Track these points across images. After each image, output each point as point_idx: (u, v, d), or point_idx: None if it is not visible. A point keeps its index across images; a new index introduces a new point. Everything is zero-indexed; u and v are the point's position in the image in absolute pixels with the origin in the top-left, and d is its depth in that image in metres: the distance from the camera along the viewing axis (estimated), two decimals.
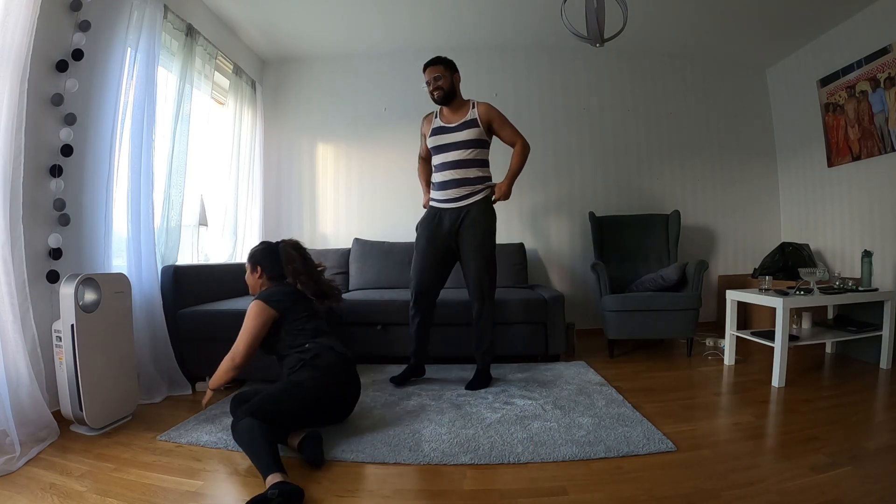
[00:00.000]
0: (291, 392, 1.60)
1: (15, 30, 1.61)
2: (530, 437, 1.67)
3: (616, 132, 3.84)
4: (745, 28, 3.36)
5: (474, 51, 3.76)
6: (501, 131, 2.32)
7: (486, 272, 2.27)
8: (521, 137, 2.33)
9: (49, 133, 1.88)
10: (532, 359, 2.80)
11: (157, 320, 2.26)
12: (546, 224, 3.79)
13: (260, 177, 3.71)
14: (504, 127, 2.32)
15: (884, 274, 2.93)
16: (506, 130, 2.32)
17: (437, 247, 2.29)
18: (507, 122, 2.32)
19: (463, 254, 2.29)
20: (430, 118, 2.39)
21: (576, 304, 3.53)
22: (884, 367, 2.46)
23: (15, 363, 1.60)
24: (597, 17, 2.14)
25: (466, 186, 2.25)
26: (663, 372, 2.58)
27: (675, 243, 3.36)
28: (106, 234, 2.11)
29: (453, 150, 2.25)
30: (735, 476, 1.37)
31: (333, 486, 1.37)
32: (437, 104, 2.33)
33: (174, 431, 1.77)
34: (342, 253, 3.52)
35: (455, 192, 2.26)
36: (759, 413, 1.93)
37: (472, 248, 2.25)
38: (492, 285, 2.31)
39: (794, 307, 2.41)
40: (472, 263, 2.26)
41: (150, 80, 2.27)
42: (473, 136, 2.24)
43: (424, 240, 2.32)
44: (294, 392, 1.60)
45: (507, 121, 2.33)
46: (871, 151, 3.05)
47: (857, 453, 1.49)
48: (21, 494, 1.31)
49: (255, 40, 3.54)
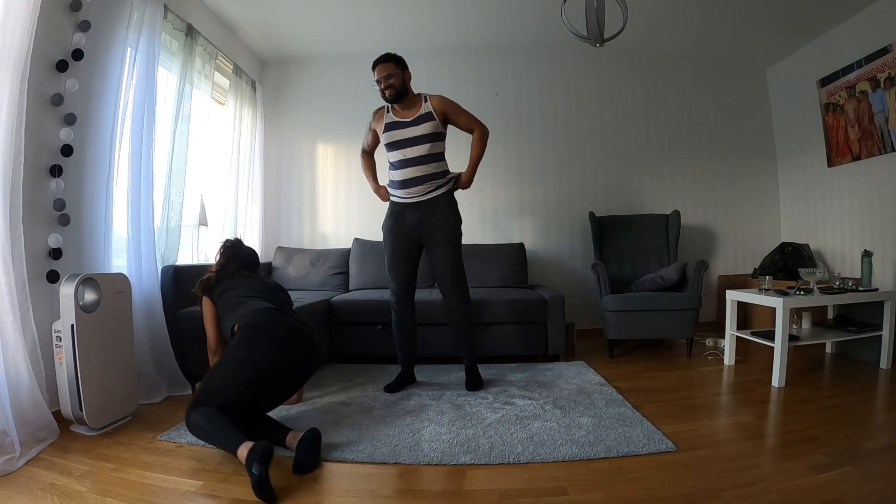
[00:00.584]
0: (223, 367, 1.61)
1: (15, 30, 1.61)
2: (530, 437, 1.67)
3: (616, 132, 3.84)
4: (745, 28, 3.36)
5: (474, 51, 3.77)
6: (458, 120, 2.26)
7: (459, 262, 2.27)
8: (479, 123, 2.27)
9: (49, 133, 1.88)
10: (532, 359, 2.80)
11: (157, 320, 2.26)
12: (546, 224, 3.79)
13: (260, 177, 3.71)
14: (460, 115, 2.25)
15: (884, 274, 2.93)
16: (462, 118, 2.26)
17: (405, 244, 2.26)
18: (462, 109, 2.26)
19: (433, 247, 2.24)
20: (381, 113, 2.28)
21: (576, 304, 3.53)
22: (884, 367, 2.46)
23: (15, 363, 1.60)
24: (597, 17, 2.14)
25: (430, 182, 2.20)
26: (663, 372, 2.58)
27: (675, 243, 3.36)
28: (106, 234, 2.11)
29: (411, 146, 2.18)
30: (735, 476, 1.37)
31: (333, 487, 1.37)
32: (387, 103, 2.23)
33: (174, 431, 1.77)
34: (342, 253, 3.52)
35: (419, 189, 2.20)
36: (759, 413, 1.93)
37: (443, 239, 2.22)
38: (464, 276, 2.29)
39: (794, 307, 2.41)
40: (445, 255, 2.23)
41: (150, 80, 2.27)
42: (430, 130, 2.17)
43: (392, 240, 2.28)
44: (226, 366, 1.60)
45: (462, 108, 2.26)
46: (871, 151, 3.05)
47: (857, 453, 1.49)
48: (21, 494, 1.31)
49: (255, 40, 3.54)
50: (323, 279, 3.36)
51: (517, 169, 3.79)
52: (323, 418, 1.89)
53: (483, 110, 3.90)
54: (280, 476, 1.43)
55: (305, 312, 2.44)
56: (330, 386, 2.34)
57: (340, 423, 1.84)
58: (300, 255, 3.50)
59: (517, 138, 3.79)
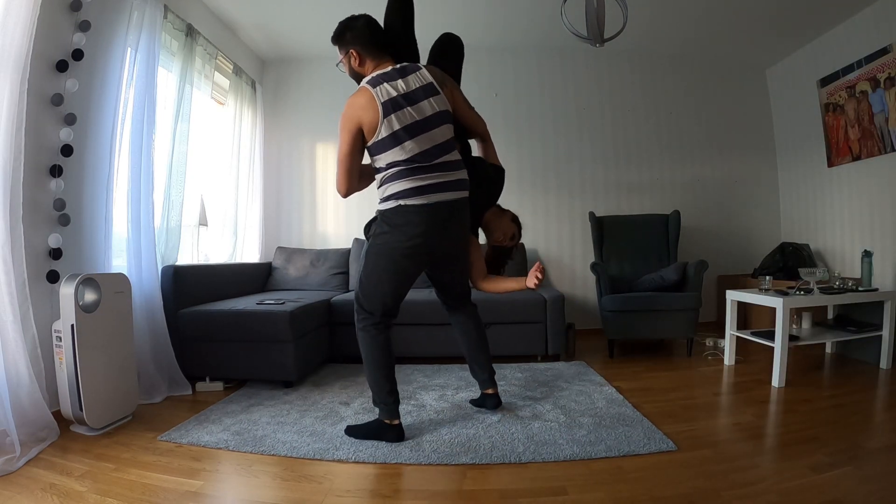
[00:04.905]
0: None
1: (15, 30, 1.61)
2: (530, 437, 1.67)
3: (616, 132, 3.84)
4: (745, 28, 3.36)
5: (475, 51, 3.72)
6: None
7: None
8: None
9: (49, 133, 1.88)
10: (532, 359, 2.80)
11: (157, 320, 2.26)
12: (546, 224, 3.79)
13: (260, 177, 3.71)
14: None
15: (884, 274, 2.93)
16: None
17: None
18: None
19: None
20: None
21: (576, 304, 3.53)
22: (884, 367, 2.46)
23: (15, 363, 1.60)
24: (597, 18, 2.14)
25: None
26: (663, 372, 2.58)
27: (675, 243, 3.36)
28: (106, 234, 2.11)
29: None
30: (735, 476, 1.37)
31: (333, 486, 1.37)
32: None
33: (174, 431, 1.77)
34: (342, 253, 3.51)
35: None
36: (759, 413, 1.93)
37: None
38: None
39: (794, 307, 2.41)
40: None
41: (150, 80, 2.27)
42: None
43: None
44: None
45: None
46: (871, 151, 3.05)
47: (857, 453, 1.49)
48: (21, 494, 1.31)
49: (255, 40, 3.54)
50: (323, 279, 3.36)
51: (517, 169, 3.78)
52: (323, 418, 1.90)
53: (483, 110, 3.93)
54: (282, 476, 1.43)
55: (305, 312, 2.45)
56: (330, 386, 2.34)
57: (341, 423, 1.84)
58: (300, 255, 3.50)
59: (517, 138, 3.78)
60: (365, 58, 1.66)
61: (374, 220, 1.75)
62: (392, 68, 1.63)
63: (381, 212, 1.67)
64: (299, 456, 1.56)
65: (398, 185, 1.59)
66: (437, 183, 1.61)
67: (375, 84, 1.58)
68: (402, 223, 1.61)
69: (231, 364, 2.33)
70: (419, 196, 1.59)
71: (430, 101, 1.60)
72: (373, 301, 1.71)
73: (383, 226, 1.66)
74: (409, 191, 1.59)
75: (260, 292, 3.14)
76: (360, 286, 1.74)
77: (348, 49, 1.67)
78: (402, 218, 1.61)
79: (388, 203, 1.62)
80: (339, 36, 1.69)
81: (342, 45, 1.68)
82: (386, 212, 1.64)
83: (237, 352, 2.32)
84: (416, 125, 1.57)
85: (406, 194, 1.59)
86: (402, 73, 1.61)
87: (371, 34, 1.66)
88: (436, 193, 1.61)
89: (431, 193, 1.60)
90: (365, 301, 1.72)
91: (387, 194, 1.62)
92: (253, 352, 2.30)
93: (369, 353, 1.73)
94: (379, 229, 1.68)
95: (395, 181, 1.60)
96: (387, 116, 1.54)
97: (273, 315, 2.28)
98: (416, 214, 1.60)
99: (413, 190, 1.59)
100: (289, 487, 1.36)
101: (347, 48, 1.67)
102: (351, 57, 1.67)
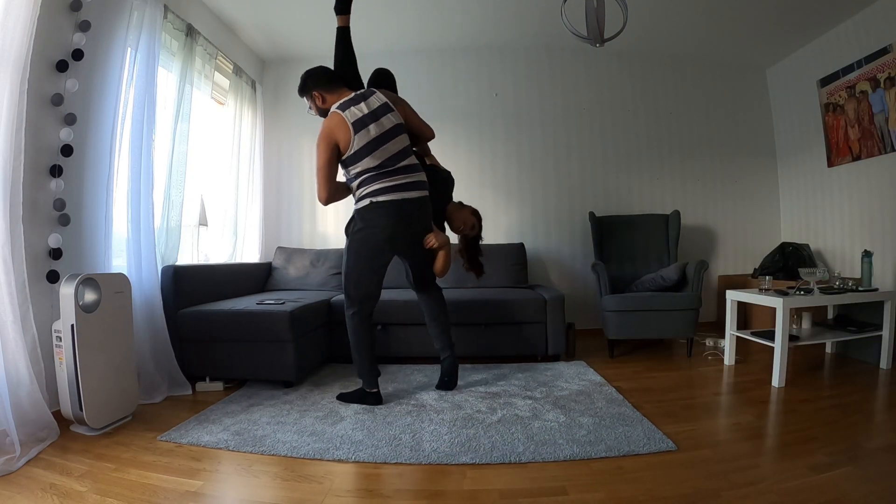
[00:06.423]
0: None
1: (15, 30, 1.61)
2: (531, 437, 1.67)
3: (616, 132, 3.84)
4: (744, 28, 3.36)
5: (475, 51, 3.77)
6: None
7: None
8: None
9: (49, 133, 1.88)
10: (532, 359, 2.80)
11: (157, 320, 2.26)
12: (546, 224, 3.79)
13: (260, 177, 3.71)
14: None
15: (884, 274, 2.92)
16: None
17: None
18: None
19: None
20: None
21: (576, 304, 3.52)
22: (884, 367, 2.46)
23: (15, 363, 1.60)
24: (597, 17, 2.14)
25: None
26: (663, 372, 2.58)
27: (675, 243, 3.36)
28: (106, 234, 2.11)
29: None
30: (735, 476, 1.37)
31: (333, 487, 1.37)
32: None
33: (174, 431, 1.77)
34: (342, 253, 3.50)
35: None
36: (759, 413, 1.93)
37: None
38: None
39: (794, 307, 2.41)
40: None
41: (150, 80, 2.27)
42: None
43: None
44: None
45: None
46: (871, 151, 3.05)
47: (857, 453, 1.49)
48: (21, 494, 1.31)
49: (255, 40, 3.54)
50: (323, 279, 3.36)
51: (517, 169, 3.79)
52: (323, 418, 1.90)
53: (483, 110, 3.97)
54: (282, 476, 1.44)
55: (305, 312, 2.45)
56: (330, 386, 2.34)
57: (341, 422, 1.84)
58: (300, 255, 3.50)
59: (517, 138, 3.78)
60: (326, 95, 2.02)
61: (352, 219, 2.05)
62: (353, 95, 1.99)
63: (357, 210, 1.99)
64: (299, 456, 1.56)
65: (370, 187, 1.93)
66: (402, 183, 1.94)
67: (344, 108, 1.92)
68: (374, 217, 1.94)
69: (231, 364, 2.33)
70: (388, 194, 1.92)
71: (389, 116, 1.95)
72: (358, 288, 2.03)
73: (359, 222, 1.98)
74: (380, 190, 1.92)
75: (260, 292, 3.14)
76: (345, 277, 2.06)
77: (311, 93, 2.03)
78: (374, 213, 1.93)
79: (363, 202, 1.95)
80: (302, 87, 2.07)
81: (307, 92, 2.05)
82: (361, 209, 1.97)
83: (237, 352, 2.32)
84: (380, 137, 1.91)
85: (377, 193, 1.92)
86: (364, 98, 1.97)
87: (326, 75, 2.07)
88: (402, 192, 1.94)
89: (398, 192, 1.93)
90: (351, 289, 2.04)
91: (361, 195, 1.96)
92: (253, 352, 2.30)
93: (355, 334, 2.05)
94: (356, 226, 2.00)
95: (368, 184, 1.93)
96: (357, 133, 1.88)
97: (273, 315, 2.28)
98: (386, 209, 1.92)
99: (382, 189, 1.92)
100: (289, 487, 1.36)
101: (311, 93, 2.04)
102: (316, 99, 2.03)
